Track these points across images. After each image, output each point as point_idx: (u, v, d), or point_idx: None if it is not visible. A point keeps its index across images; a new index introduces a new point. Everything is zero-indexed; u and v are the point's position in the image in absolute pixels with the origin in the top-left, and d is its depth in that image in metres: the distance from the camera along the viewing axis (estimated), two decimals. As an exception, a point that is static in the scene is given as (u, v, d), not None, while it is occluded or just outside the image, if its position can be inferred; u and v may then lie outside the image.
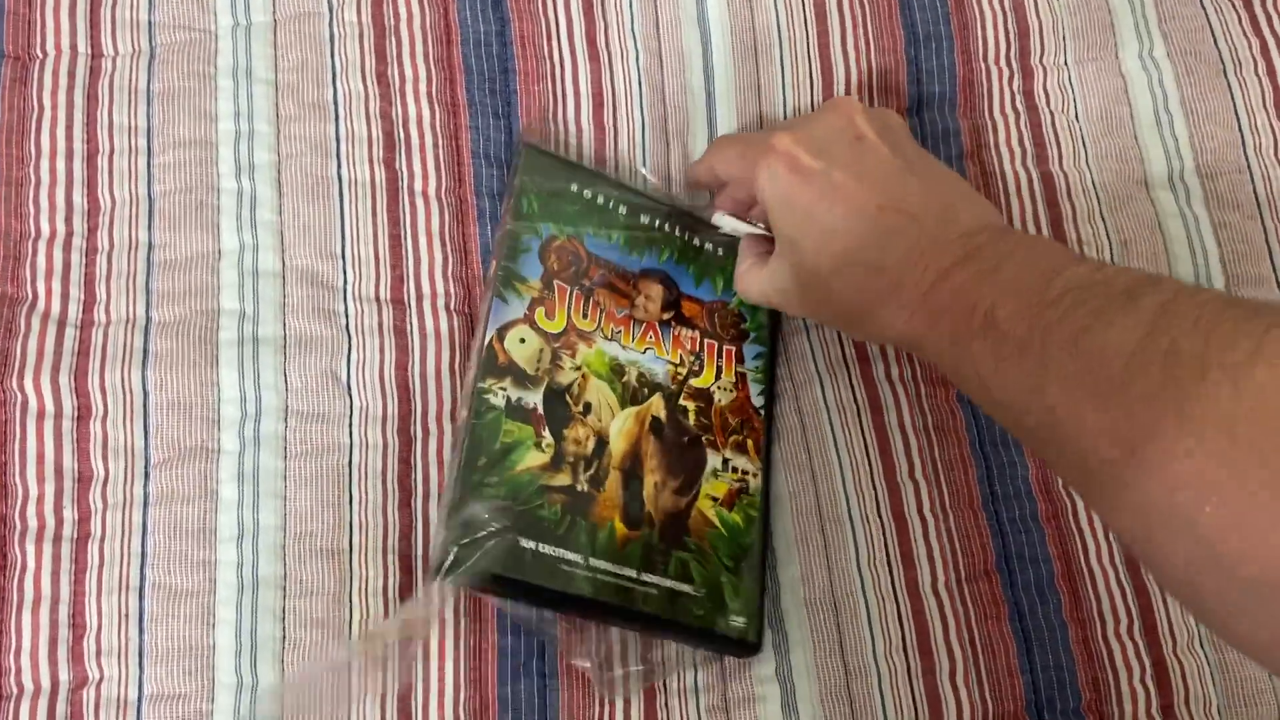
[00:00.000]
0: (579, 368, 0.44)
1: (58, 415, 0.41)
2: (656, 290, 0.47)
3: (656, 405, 0.45)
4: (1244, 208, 0.50)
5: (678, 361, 0.46)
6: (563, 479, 0.41)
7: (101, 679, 0.39)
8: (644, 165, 0.49)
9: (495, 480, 0.40)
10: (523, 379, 0.42)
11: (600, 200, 0.47)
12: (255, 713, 0.39)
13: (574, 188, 0.46)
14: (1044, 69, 0.52)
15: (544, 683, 0.41)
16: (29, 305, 0.42)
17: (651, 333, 0.46)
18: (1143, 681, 0.44)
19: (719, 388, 0.46)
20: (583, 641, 0.42)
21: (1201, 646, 0.44)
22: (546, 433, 0.42)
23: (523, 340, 0.43)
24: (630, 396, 0.45)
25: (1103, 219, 0.50)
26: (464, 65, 0.48)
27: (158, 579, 0.40)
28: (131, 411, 0.41)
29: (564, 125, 0.48)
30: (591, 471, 0.42)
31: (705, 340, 0.47)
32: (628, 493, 0.43)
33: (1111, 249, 0.50)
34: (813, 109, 0.50)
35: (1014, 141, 0.51)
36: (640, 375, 0.45)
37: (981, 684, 0.43)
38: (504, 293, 0.43)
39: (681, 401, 0.45)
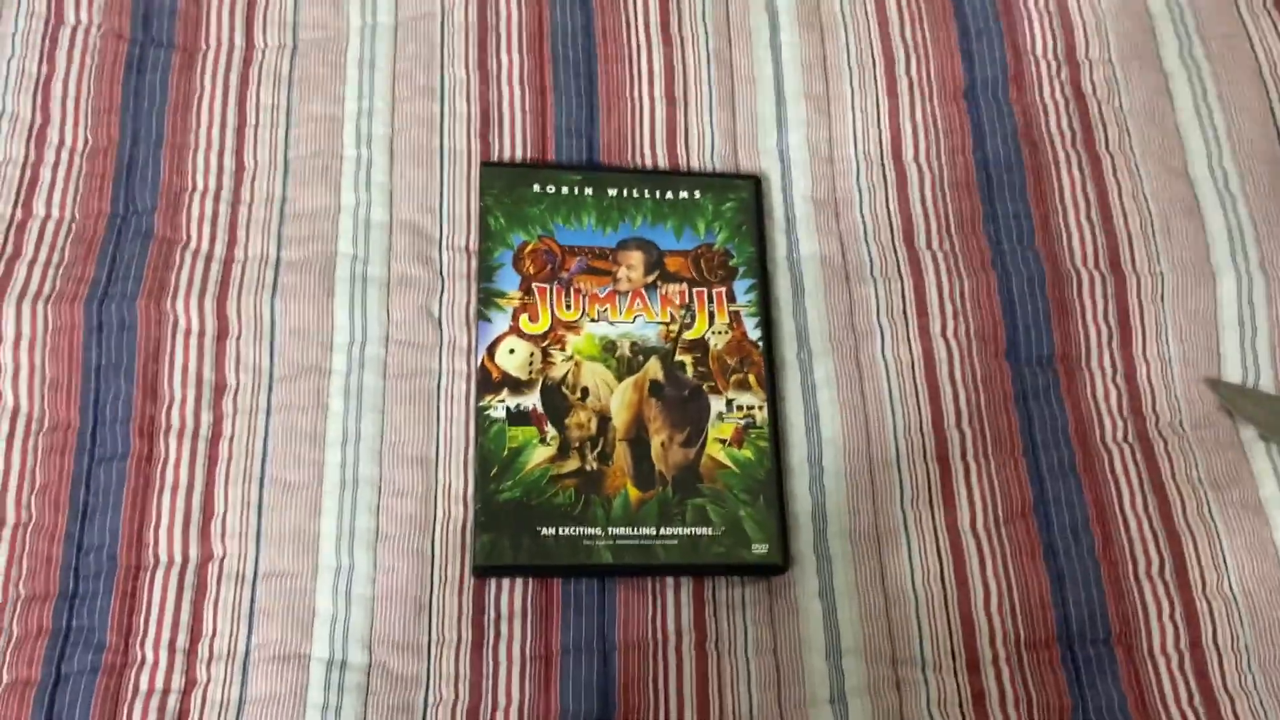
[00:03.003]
0: (570, 357, 0.47)
1: (201, 334, 0.48)
2: (637, 258, 0.50)
3: (653, 369, 0.48)
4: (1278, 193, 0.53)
5: (668, 320, 0.49)
6: (571, 464, 0.46)
7: (225, 556, 0.45)
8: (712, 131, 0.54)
9: (509, 484, 0.45)
10: (518, 386, 0.47)
11: (565, 190, 0.50)
12: (351, 593, 0.44)
13: (535, 188, 0.50)
14: (1089, 63, 0.56)
15: (603, 582, 0.46)
16: (184, 245, 0.50)
17: (639, 300, 0.49)
18: (1172, 618, 0.45)
19: (714, 333, 0.49)
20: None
21: (1231, 589, 0.46)
22: (549, 427, 0.46)
23: (512, 350, 0.47)
24: (626, 368, 0.48)
25: (1146, 199, 0.53)
26: (552, 54, 0.54)
27: (275, 474, 0.46)
28: (261, 334, 0.48)
29: (637, 100, 0.54)
30: (599, 449, 0.46)
31: (694, 290, 0.49)
32: (636, 459, 0.46)
33: (1154, 226, 0.52)
34: (875, 85, 0.55)
35: (1063, 124, 0.55)
36: (633, 345, 0.48)
37: (1015, 614, 0.46)
38: (485, 312, 0.48)
39: (678, 357, 0.48)
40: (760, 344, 0.50)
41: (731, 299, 0.50)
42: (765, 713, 0.44)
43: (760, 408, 0.48)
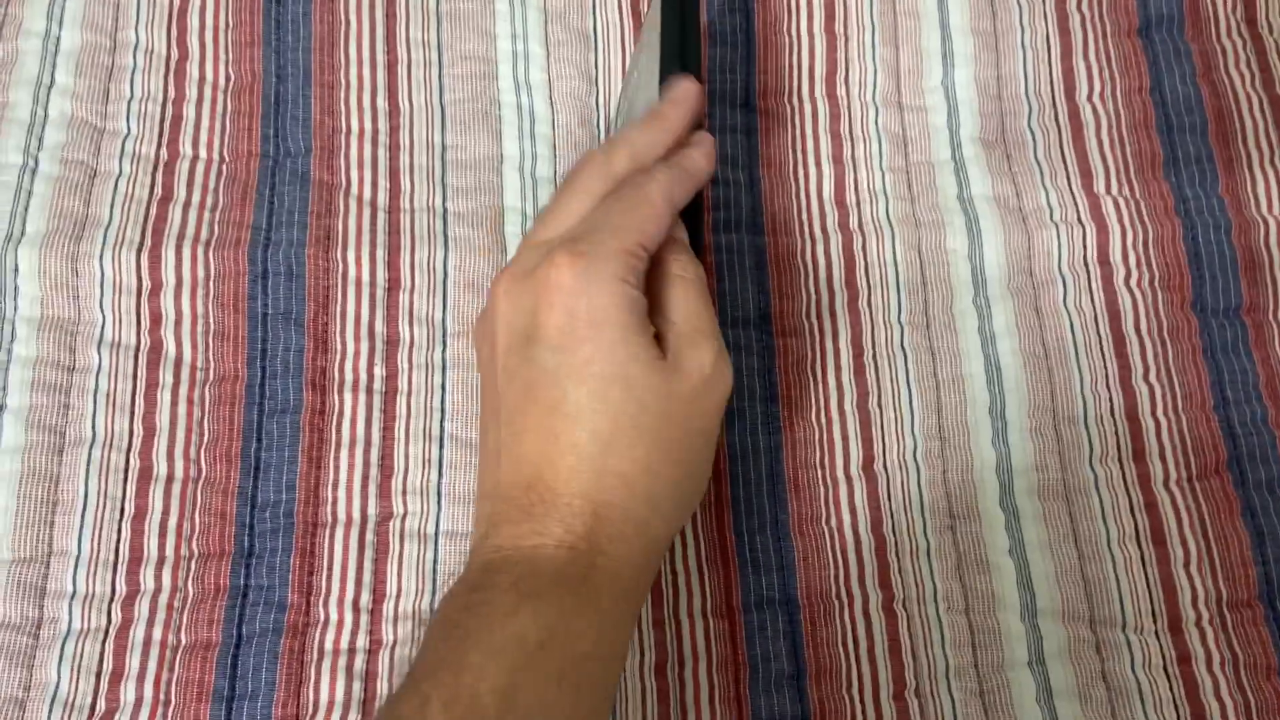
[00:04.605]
0: None
1: (372, 285, 0.46)
2: None
3: None
4: None
5: None
6: None
7: (406, 514, 0.44)
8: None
9: None
10: None
11: None
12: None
13: None
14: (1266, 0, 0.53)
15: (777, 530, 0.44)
16: (344, 189, 0.47)
17: None
18: (1380, 575, 0.44)
19: None
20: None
21: None
22: None
23: None
24: None
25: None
26: (716, -6, 0.52)
27: (454, 432, 0.45)
28: (433, 288, 0.46)
29: (795, 37, 0.52)
30: None
31: None
32: None
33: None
34: (1045, 21, 0.53)
35: (1242, 65, 0.52)
36: None
37: (1215, 573, 0.44)
38: None
39: None
40: None
41: None
42: (962, 676, 0.43)
43: None
